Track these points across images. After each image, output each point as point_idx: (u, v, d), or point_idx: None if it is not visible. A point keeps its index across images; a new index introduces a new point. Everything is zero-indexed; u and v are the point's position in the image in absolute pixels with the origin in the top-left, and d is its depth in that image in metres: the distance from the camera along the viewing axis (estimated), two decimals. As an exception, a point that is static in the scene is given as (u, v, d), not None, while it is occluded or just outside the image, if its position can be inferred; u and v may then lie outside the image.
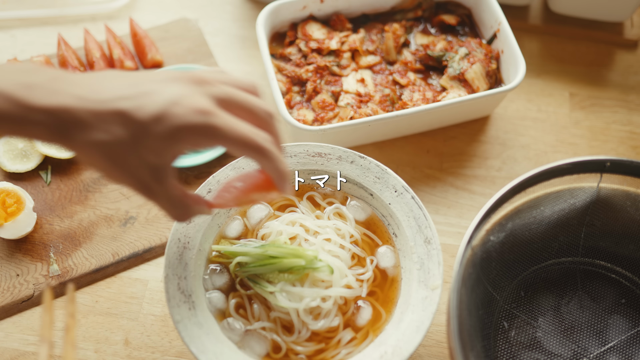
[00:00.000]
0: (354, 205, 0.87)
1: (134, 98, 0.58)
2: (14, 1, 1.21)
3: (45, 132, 0.56)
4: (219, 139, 0.59)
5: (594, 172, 0.80)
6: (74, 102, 0.56)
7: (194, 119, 0.58)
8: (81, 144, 0.57)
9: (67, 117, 0.56)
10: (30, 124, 0.56)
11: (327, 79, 1.04)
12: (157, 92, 0.58)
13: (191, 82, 0.61)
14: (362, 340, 0.79)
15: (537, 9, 1.21)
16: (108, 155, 0.58)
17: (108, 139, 0.57)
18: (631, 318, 0.85)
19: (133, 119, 0.57)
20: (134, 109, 0.57)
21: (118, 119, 0.57)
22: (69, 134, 0.57)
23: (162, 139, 0.58)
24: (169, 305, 0.76)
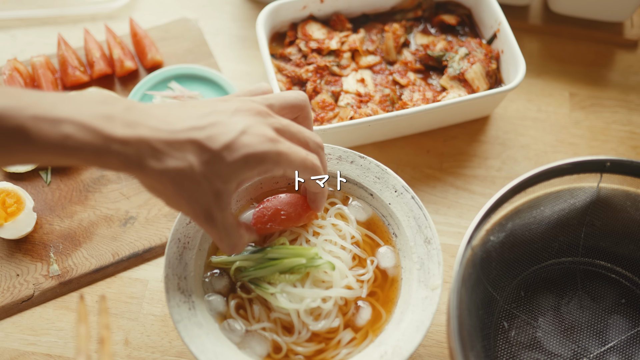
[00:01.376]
0: (355, 205, 0.87)
1: (205, 129, 0.62)
2: (14, 1, 1.21)
3: (122, 163, 0.59)
4: (283, 164, 0.65)
5: (594, 172, 0.80)
6: (149, 133, 0.60)
7: (263, 147, 0.63)
8: (154, 172, 0.60)
9: (144, 147, 0.59)
10: (109, 154, 0.58)
11: (327, 79, 1.04)
12: (226, 123, 0.63)
13: (254, 114, 0.66)
14: (362, 341, 0.79)
15: (537, 9, 1.22)
16: (179, 182, 0.61)
17: (182, 166, 0.60)
18: (631, 318, 0.85)
19: (206, 147, 0.61)
20: (207, 139, 0.61)
21: (192, 148, 0.61)
22: (145, 163, 0.60)
23: (233, 166, 0.62)
24: (169, 305, 0.76)
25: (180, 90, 1.06)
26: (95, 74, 1.08)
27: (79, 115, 0.57)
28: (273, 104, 0.70)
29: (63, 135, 0.56)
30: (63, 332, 0.89)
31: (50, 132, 0.56)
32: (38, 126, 0.56)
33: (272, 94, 0.72)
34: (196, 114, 0.64)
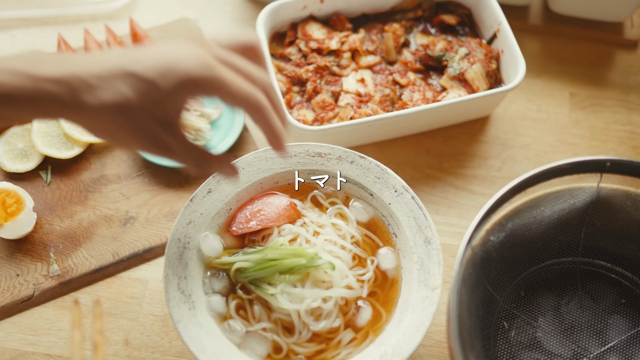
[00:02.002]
0: (356, 206, 0.87)
1: (139, 59, 0.60)
2: (14, 1, 1.21)
3: (57, 105, 0.58)
4: (221, 92, 0.62)
5: (594, 172, 0.80)
6: (81, 68, 0.58)
7: (199, 71, 0.60)
8: (91, 109, 0.59)
9: (76, 83, 0.58)
10: (44, 98, 0.57)
11: (327, 79, 1.04)
12: (162, 51, 0.61)
13: (194, 44, 0.63)
14: (362, 341, 0.79)
15: (537, 9, 1.21)
16: (117, 116, 0.59)
17: (116, 99, 0.58)
18: (631, 318, 0.85)
19: (139, 76, 0.59)
20: (140, 68, 0.59)
21: (126, 78, 0.59)
22: (80, 100, 0.58)
23: (170, 92, 0.60)
24: (169, 305, 0.76)
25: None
26: (95, 74, 1.08)
27: (8, 64, 0.57)
28: (220, 41, 0.66)
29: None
30: (63, 332, 0.89)
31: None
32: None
33: (224, 35, 0.69)
34: (130, 50, 0.62)
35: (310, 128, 0.92)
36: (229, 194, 0.85)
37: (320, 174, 0.88)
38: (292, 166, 0.87)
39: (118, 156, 1.03)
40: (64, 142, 1.01)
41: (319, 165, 0.87)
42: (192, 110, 1.04)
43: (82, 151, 1.02)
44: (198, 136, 1.02)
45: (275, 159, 0.87)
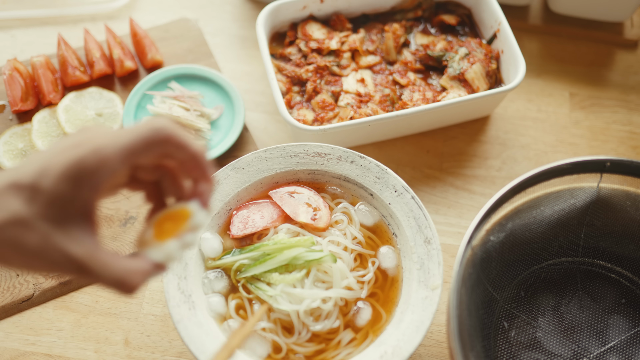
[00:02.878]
0: (362, 209, 0.87)
1: (17, 168, 0.53)
2: (14, 1, 1.21)
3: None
4: (106, 160, 0.53)
5: (594, 172, 0.80)
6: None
7: (71, 156, 0.53)
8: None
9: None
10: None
11: (327, 79, 1.04)
12: (39, 155, 0.54)
13: (77, 132, 0.56)
14: (362, 341, 0.79)
15: (537, 9, 1.21)
16: (13, 237, 0.51)
17: (4, 217, 0.51)
18: (631, 318, 0.85)
19: (20, 184, 0.52)
20: (19, 175, 0.52)
21: (9, 192, 0.52)
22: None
23: (56, 188, 0.52)
24: (169, 305, 0.76)
25: (180, 90, 1.06)
26: (95, 74, 1.08)
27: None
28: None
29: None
30: (63, 332, 0.89)
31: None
32: None
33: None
34: (21, 161, 0.55)
35: (310, 128, 0.92)
36: (228, 194, 0.85)
37: (320, 174, 0.88)
38: (292, 166, 0.87)
39: (118, 156, 1.03)
40: (64, 142, 1.01)
41: (319, 165, 0.87)
42: (192, 110, 1.04)
43: (82, 151, 1.02)
44: (198, 136, 1.02)
45: (275, 159, 0.87)
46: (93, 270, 0.54)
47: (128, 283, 0.56)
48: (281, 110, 0.94)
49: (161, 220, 0.62)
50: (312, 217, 0.84)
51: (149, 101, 1.06)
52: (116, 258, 0.55)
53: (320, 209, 0.85)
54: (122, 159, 0.54)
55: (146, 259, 0.58)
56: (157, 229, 0.61)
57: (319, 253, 0.78)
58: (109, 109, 1.06)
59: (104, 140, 0.54)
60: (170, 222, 0.61)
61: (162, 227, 0.61)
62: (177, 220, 0.61)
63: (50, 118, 1.03)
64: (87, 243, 0.54)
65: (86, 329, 0.89)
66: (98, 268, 0.54)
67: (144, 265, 0.58)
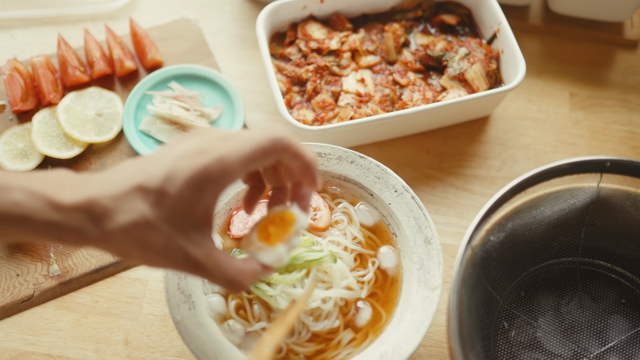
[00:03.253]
0: (362, 209, 0.87)
1: (144, 170, 0.57)
2: (14, 1, 1.21)
3: (78, 236, 0.56)
4: (234, 167, 0.58)
5: (594, 172, 0.80)
6: (96, 191, 0.56)
7: (199, 161, 0.57)
8: (112, 234, 0.56)
9: (94, 208, 0.55)
10: (63, 229, 0.55)
11: (327, 79, 1.04)
12: (163, 157, 0.58)
13: (192, 135, 0.61)
14: (362, 341, 0.79)
15: (537, 9, 1.21)
16: (138, 236, 0.56)
17: (134, 218, 0.55)
18: (631, 318, 0.85)
19: (147, 188, 0.56)
20: (146, 179, 0.56)
21: (136, 195, 0.56)
22: (102, 228, 0.56)
23: (181, 196, 0.56)
24: (169, 305, 0.76)
25: (180, 90, 1.06)
26: (95, 74, 1.08)
27: (28, 183, 0.55)
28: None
29: (12, 202, 0.54)
30: (63, 332, 0.89)
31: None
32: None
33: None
34: (137, 162, 0.59)
35: (310, 128, 0.92)
36: (229, 194, 0.85)
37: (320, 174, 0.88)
38: (292, 166, 0.87)
39: (118, 156, 1.03)
40: (64, 142, 1.01)
41: (319, 165, 0.87)
42: (192, 110, 1.04)
43: (82, 151, 1.02)
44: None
45: (275, 159, 0.87)
46: (209, 270, 0.59)
47: (240, 282, 0.61)
48: (281, 110, 0.94)
49: (264, 223, 0.67)
50: (312, 217, 0.84)
51: (149, 101, 1.06)
52: (230, 259, 0.61)
53: (320, 209, 0.85)
54: (243, 167, 0.58)
55: (256, 261, 0.64)
56: (261, 232, 0.67)
57: (319, 253, 0.78)
58: (109, 109, 1.06)
59: (227, 149, 0.57)
60: (274, 226, 0.67)
61: (267, 230, 0.67)
62: (281, 224, 0.67)
63: (50, 118, 1.03)
64: (206, 245, 0.59)
65: (86, 329, 0.89)
66: (214, 269, 0.59)
67: (255, 267, 0.64)
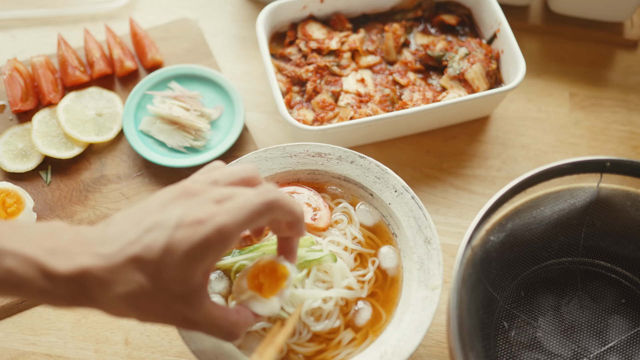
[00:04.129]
0: (362, 209, 0.87)
1: (140, 239, 0.58)
2: (14, 1, 1.21)
3: (71, 301, 0.57)
4: (232, 233, 0.59)
5: (594, 172, 0.80)
6: (90, 261, 0.57)
7: (199, 234, 0.58)
8: (106, 302, 0.57)
9: (88, 280, 0.56)
10: (56, 296, 0.56)
11: (327, 79, 1.04)
12: (158, 224, 0.59)
13: (188, 197, 0.61)
14: (362, 341, 0.79)
15: (537, 9, 1.21)
16: (136, 304, 0.58)
17: (130, 289, 0.57)
18: (631, 318, 0.85)
19: (145, 260, 0.57)
20: (143, 251, 0.57)
21: (133, 266, 0.57)
22: (94, 296, 0.57)
23: (180, 266, 0.58)
24: (169, 305, 0.76)
25: (180, 90, 1.06)
26: (95, 74, 1.08)
27: (23, 248, 0.55)
28: (217, 179, 0.65)
29: (5, 270, 0.54)
30: (63, 332, 0.89)
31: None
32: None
33: (220, 170, 0.67)
34: (130, 222, 0.60)
35: (310, 128, 0.92)
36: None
37: (320, 174, 0.88)
38: (292, 166, 0.87)
39: (118, 156, 1.03)
40: (64, 142, 1.01)
41: (319, 165, 0.87)
42: (192, 110, 1.04)
43: (82, 151, 1.02)
44: (198, 136, 1.02)
45: (275, 159, 0.87)
46: (207, 328, 0.63)
47: (235, 334, 0.65)
48: (281, 110, 0.94)
49: (254, 272, 0.70)
50: (312, 217, 0.84)
51: (149, 101, 1.06)
52: (224, 313, 0.64)
53: (320, 209, 0.85)
54: (240, 232, 0.60)
55: (249, 311, 0.68)
56: (251, 280, 0.69)
57: (319, 253, 0.78)
58: (109, 109, 1.06)
59: (225, 218, 0.59)
60: (264, 276, 0.69)
61: (258, 279, 0.69)
62: (271, 275, 0.70)
63: (50, 118, 1.03)
64: (202, 308, 0.61)
65: (86, 329, 0.89)
66: (211, 326, 0.63)
67: (249, 318, 0.67)
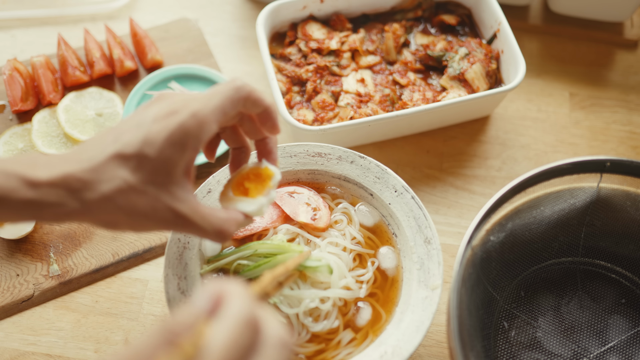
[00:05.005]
0: (362, 210, 0.87)
1: (118, 139, 0.59)
2: (14, 1, 1.21)
3: (60, 211, 0.56)
4: (209, 119, 0.60)
5: (594, 172, 0.80)
6: (72, 166, 0.57)
7: (174, 121, 0.59)
8: (95, 204, 0.57)
9: (72, 183, 0.56)
10: (43, 206, 0.56)
11: (327, 79, 1.04)
12: (135, 124, 0.60)
13: (157, 101, 0.63)
14: (362, 341, 0.79)
15: (537, 9, 1.21)
16: (124, 202, 0.58)
17: (115, 185, 0.57)
18: (631, 318, 0.85)
19: (126, 155, 0.58)
20: (123, 147, 0.58)
21: (115, 163, 0.58)
22: (83, 200, 0.57)
23: (162, 156, 0.58)
24: (169, 305, 0.76)
25: (180, 90, 1.06)
26: (95, 74, 1.08)
27: (1, 165, 0.55)
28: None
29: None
30: (63, 332, 0.89)
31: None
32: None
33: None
34: (108, 133, 0.61)
35: (310, 128, 0.92)
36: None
37: (320, 174, 0.88)
38: (292, 166, 0.87)
39: (118, 156, 1.03)
40: (64, 142, 1.01)
41: (319, 165, 0.87)
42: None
43: (82, 151, 1.02)
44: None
45: (275, 159, 0.87)
46: (197, 223, 0.62)
47: (226, 230, 0.64)
48: (281, 110, 0.94)
49: (238, 180, 0.70)
50: (312, 217, 0.84)
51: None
52: (214, 211, 0.64)
53: (320, 209, 0.85)
54: (216, 119, 0.61)
55: (238, 211, 0.67)
56: (237, 188, 0.69)
57: (316, 262, 0.78)
58: (109, 109, 1.06)
59: (198, 105, 0.60)
60: (249, 182, 0.69)
61: (243, 186, 0.69)
62: (256, 179, 0.70)
63: (50, 118, 1.03)
64: (190, 200, 0.61)
65: (86, 329, 0.89)
66: (201, 221, 0.62)
67: (238, 216, 0.66)
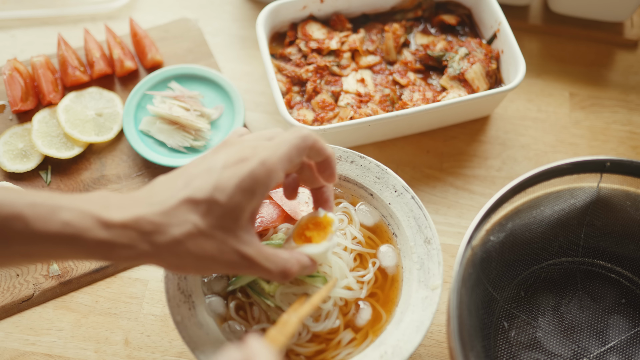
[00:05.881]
0: (362, 209, 0.87)
1: (189, 184, 0.61)
2: (14, 1, 1.21)
3: (130, 252, 0.58)
4: (277, 168, 0.62)
5: (594, 172, 0.80)
6: (144, 210, 0.59)
7: (245, 169, 0.61)
8: (165, 248, 0.59)
9: (144, 225, 0.58)
10: (115, 247, 0.57)
11: (327, 79, 1.04)
12: (205, 170, 0.62)
13: (225, 147, 0.65)
14: (362, 341, 0.79)
15: (537, 9, 1.21)
16: (194, 246, 0.60)
17: (186, 230, 0.59)
18: (631, 318, 0.85)
19: (197, 200, 0.60)
20: (194, 192, 0.60)
21: (186, 208, 0.60)
22: (152, 242, 0.59)
23: (231, 202, 0.61)
24: (169, 305, 0.76)
25: (180, 90, 1.06)
26: (95, 74, 1.08)
27: (76, 203, 0.57)
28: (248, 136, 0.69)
29: (62, 222, 0.56)
30: (63, 332, 0.89)
31: (49, 218, 0.55)
32: (36, 212, 0.55)
33: (248, 133, 0.71)
34: (175, 177, 0.63)
35: (310, 128, 0.92)
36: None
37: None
38: (292, 166, 0.87)
39: (118, 156, 1.03)
40: (64, 142, 1.01)
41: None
42: (192, 110, 1.04)
43: (82, 151, 1.02)
44: (198, 136, 1.02)
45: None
46: (261, 264, 0.64)
47: (288, 270, 0.66)
48: (281, 110, 0.94)
49: (298, 231, 0.73)
50: None
51: (149, 101, 1.06)
52: (277, 252, 0.66)
53: None
54: (284, 167, 0.63)
55: (301, 253, 0.70)
56: (298, 238, 0.73)
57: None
58: (109, 109, 1.06)
59: (267, 152, 0.63)
60: (310, 231, 0.73)
61: (304, 236, 0.73)
62: (316, 228, 0.73)
63: (50, 118, 1.03)
64: (254, 243, 0.64)
65: (86, 329, 0.89)
66: (265, 262, 0.64)
67: (301, 257, 0.69)
